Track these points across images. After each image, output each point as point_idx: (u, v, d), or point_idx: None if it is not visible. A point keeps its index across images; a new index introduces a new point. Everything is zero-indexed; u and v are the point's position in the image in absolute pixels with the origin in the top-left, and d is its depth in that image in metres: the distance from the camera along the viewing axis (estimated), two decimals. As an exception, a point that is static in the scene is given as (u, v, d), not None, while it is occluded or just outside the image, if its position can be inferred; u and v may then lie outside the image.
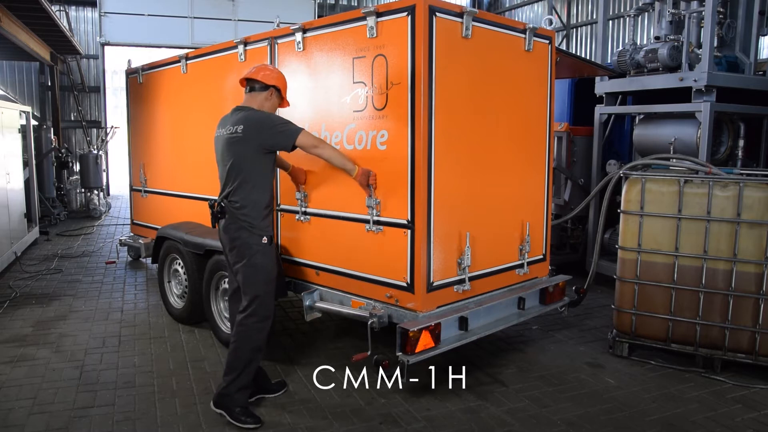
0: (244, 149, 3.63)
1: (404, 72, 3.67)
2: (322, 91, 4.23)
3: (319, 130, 4.23)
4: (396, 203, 3.81)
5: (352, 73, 3.98)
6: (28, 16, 9.97)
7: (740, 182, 4.26)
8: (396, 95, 3.74)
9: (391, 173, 3.83)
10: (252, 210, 3.65)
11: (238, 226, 3.66)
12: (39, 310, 5.94)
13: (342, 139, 4.09)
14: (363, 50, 3.89)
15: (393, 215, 3.84)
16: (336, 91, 4.11)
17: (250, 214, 3.65)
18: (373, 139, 3.90)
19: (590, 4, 16.44)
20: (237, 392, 3.63)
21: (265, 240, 3.69)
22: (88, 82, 16.81)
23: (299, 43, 4.35)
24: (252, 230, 3.65)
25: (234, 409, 3.59)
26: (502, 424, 3.65)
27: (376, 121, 3.87)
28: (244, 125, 3.62)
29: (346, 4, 19.04)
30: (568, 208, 7.07)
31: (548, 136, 4.74)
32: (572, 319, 5.60)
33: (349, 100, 4.01)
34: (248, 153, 3.63)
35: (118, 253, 8.53)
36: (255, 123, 3.63)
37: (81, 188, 13.19)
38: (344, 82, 4.04)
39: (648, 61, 6.27)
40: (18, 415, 3.74)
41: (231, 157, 3.66)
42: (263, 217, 3.71)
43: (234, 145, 3.64)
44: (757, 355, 4.28)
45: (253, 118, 3.66)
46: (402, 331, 3.54)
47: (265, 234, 3.70)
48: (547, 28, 4.81)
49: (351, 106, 4.01)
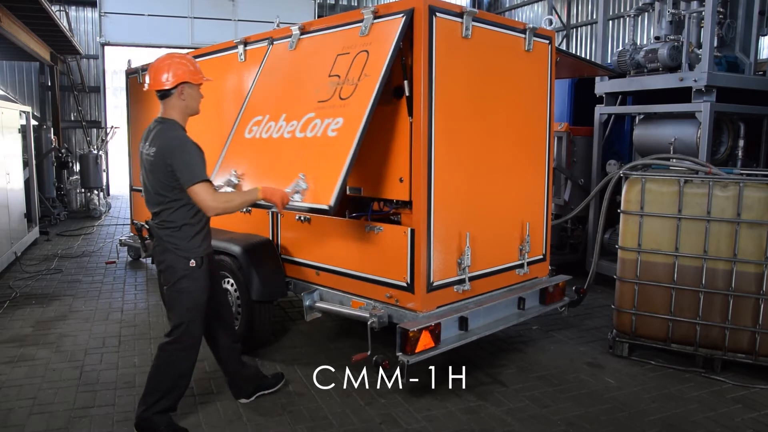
0: (159, 172, 3.32)
1: (380, 66, 3.57)
2: (296, 84, 4.19)
3: (277, 119, 4.11)
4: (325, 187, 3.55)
5: (331, 67, 3.93)
6: (28, 16, 9.97)
7: (740, 182, 4.26)
8: (364, 86, 3.63)
9: (328, 157, 3.62)
10: (177, 231, 3.38)
11: (163, 248, 3.41)
12: (39, 310, 5.94)
13: (296, 129, 3.94)
14: (350, 47, 3.87)
15: (319, 201, 3.54)
16: (310, 84, 4.05)
17: (175, 235, 3.37)
18: (326, 126, 3.73)
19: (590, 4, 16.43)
20: (155, 415, 3.41)
21: (192, 263, 3.39)
22: (88, 82, 16.80)
23: (292, 43, 4.36)
24: (177, 252, 3.37)
25: (159, 429, 3.40)
26: (502, 424, 3.65)
27: (337, 109, 3.73)
28: (156, 148, 3.31)
29: (346, 4, 19.04)
30: (568, 208, 7.07)
31: (548, 136, 4.74)
32: (572, 319, 5.60)
33: (319, 91, 3.93)
34: (165, 175, 3.31)
35: (118, 253, 8.53)
36: (164, 148, 3.29)
37: (81, 188, 13.18)
38: (321, 75, 3.98)
39: (648, 61, 6.27)
40: (18, 415, 3.74)
41: (151, 177, 3.39)
42: (190, 238, 3.40)
43: (150, 165, 3.37)
44: (757, 355, 4.28)
45: (163, 143, 3.30)
46: (402, 331, 3.54)
47: (193, 256, 3.40)
48: (547, 28, 4.81)
49: (317, 97, 3.91)
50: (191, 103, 3.46)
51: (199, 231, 3.46)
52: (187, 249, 3.40)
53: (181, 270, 3.38)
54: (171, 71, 3.37)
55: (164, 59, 3.45)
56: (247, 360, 4.08)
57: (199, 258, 3.43)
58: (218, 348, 3.79)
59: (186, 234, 3.40)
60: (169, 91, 3.38)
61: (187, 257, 3.39)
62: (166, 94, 3.40)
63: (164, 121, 3.41)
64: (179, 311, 3.43)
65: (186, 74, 3.40)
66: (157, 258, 3.48)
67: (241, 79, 5.00)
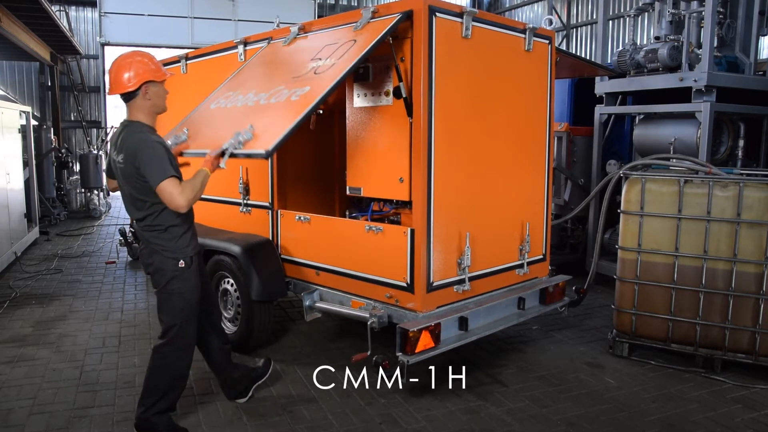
0: (131, 177, 3.26)
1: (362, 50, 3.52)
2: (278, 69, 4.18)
3: (247, 93, 4.04)
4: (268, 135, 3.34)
5: (316, 54, 3.89)
6: (28, 16, 9.97)
7: (740, 182, 4.26)
8: (340, 64, 3.57)
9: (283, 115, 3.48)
10: (163, 233, 3.32)
11: (151, 251, 3.35)
12: (39, 310, 5.94)
13: (260, 98, 3.85)
14: (339, 39, 3.87)
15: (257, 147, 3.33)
16: (290, 68, 4.03)
17: (162, 237, 3.32)
18: (291, 93, 3.64)
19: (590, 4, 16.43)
20: (155, 416, 3.39)
21: (182, 264, 3.34)
22: (88, 82, 16.81)
23: (287, 39, 4.37)
24: (165, 254, 3.32)
25: (159, 430, 3.39)
26: (502, 424, 3.65)
27: (307, 81, 3.65)
28: (124, 154, 3.24)
29: (346, 4, 19.04)
30: (568, 208, 7.07)
31: (548, 136, 4.74)
32: (572, 319, 5.60)
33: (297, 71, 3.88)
34: (137, 179, 3.23)
35: (118, 253, 8.54)
36: (130, 153, 3.21)
37: (81, 188, 13.19)
38: (304, 61, 3.95)
39: (648, 61, 6.27)
40: (18, 415, 3.74)
41: (125, 184, 3.33)
42: (177, 238, 3.35)
43: (122, 173, 3.31)
44: (757, 355, 4.28)
45: (129, 147, 3.23)
46: (402, 332, 3.54)
47: (182, 257, 3.35)
48: (547, 28, 4.81)
49: (293, 75, 3.86)
50: (157, 101, 3.35)
51: (186, 231, 3.41)
52: (175, 250, 3.34)
53: (170, 271, 3.33)
54: (132, 71, 3.25)
55: (123, 60, 3.32)
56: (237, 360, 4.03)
57: (188, 258, 3.38)
58: (209, 350, 3.76)
59: (173, 235, 3.34)
60: (133, 93, 3.27)
61: (176, 258, 3.34)
62: (130, 96, 3.29)
63: (130, 123, 3.32)
64: (172, 313, 3.38)
65: (148, 73, 3.28)
66: (145, 261, 3.42)
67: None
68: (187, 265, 3.37)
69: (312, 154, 5.30)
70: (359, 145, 4.10)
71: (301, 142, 4.99)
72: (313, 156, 5.33)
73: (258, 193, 4.90)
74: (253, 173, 4.94)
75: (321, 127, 5.09)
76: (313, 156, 5.33)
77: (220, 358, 3.78)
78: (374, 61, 3.94)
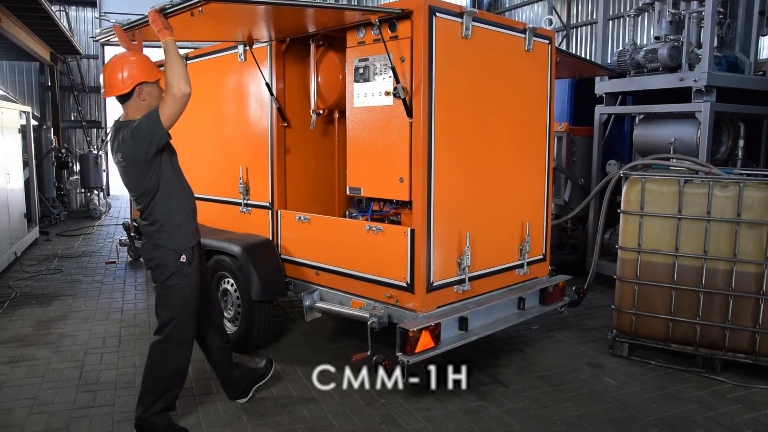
0: (133, 173, 3.30)
1: None
2: None
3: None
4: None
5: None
6: (28, 16, 9.96)
7: (740, 182, 4.26)
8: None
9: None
10: (163, 225, 3.32)
11: (152, 246, 3.36)
12: (39, 310, 5.94)
13: None
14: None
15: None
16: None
17: (162, 230, 3.32)
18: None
19: (590, 4, 16.42)
20: (155, 415, 3.39)
21: (183, 258, 3.34)
22: (88, 82, 16.79)
23: None
24: (167, 246, 3.33)
25: (159, 430, 3.39)
26: (502, 424, 3.65)
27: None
28: (122, 153, 3.26)
29: (346, 4, 19.04)
30: (568, 208, 7.07)
31: (548, 137, 4.74)
32: (572, 319, 5.60)
33: None
34: (138, 174, 3.28)
35: (118, 253, 8.54)
36: (128, 149, 3.23)
37: (81, 188, 13.19)
38: None
39: (648, 61, 6.27)
40: (18, 415, 3.74)
41: (127, 178, 3.35)
42: (178, 227, 3.35)
43: (124, 169, 3.33)
44: (757, 355, 4.28)
45: (125, 144, 3.24)
46: (402, 331, 3.54)
47: (183, 250, 3.35)
48: (547, 28, 4.83)
49: None
50: (152, 101, 3.33)
51: (186, 218, 3.41)
52: (177, 243, 3.34)
53: (171, 266, 3.33)
54: (126, 73, 3.25)
55: (115, 62, 3.32)
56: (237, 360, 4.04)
57: (190, 251, 3.39)
58: (209, 349, 3.76)
59: (173, 227, 3.34)
60: (128, 94, 3.27)
61: (177, 251, 3.34)
62: (125, 98, 3.30)
63: (127, 124, 3.30)
64: (169, 308, 3.38)
65: (142, 73, 3.28)
66: (146, 256, 3.43)
67: (240, 80, 5.01)
68: (188, 260, 3.38)
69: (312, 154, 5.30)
70: (359, 145, 4.09)
71: (302, 142, 4.99)
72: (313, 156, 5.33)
73: (258, 193, 4.90)
74: (253, 173, 4.94)
75: (321, 127, 5.09)
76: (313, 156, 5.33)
77: (219, 357, 3.77)
78: (375, 61, 3.94)
